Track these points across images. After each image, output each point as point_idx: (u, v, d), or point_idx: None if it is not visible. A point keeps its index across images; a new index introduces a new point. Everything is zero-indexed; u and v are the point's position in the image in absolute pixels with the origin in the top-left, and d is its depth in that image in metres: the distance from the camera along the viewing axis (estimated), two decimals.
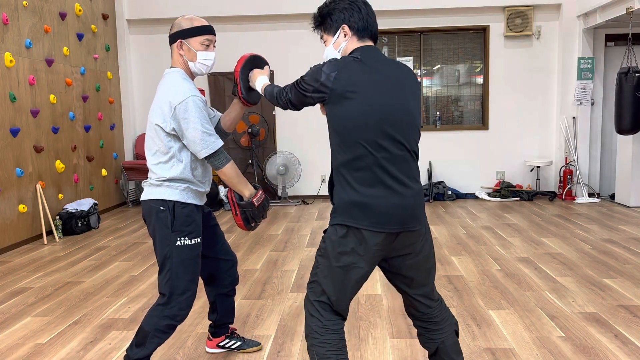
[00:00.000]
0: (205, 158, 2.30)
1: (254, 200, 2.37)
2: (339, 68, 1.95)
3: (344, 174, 1.96)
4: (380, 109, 1.95)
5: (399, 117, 1.98)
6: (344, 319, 2.08)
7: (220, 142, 2.30)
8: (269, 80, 2.38)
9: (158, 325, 2.34)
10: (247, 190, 2.37)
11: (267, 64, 2.53)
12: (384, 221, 1.94)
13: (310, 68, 2.02)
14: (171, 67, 2.41)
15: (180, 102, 2.23)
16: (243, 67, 2.44)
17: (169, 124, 2.26)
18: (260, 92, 2.34)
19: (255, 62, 2.48)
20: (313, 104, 2.03)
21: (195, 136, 2.24)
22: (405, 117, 1.99)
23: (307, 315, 2.06)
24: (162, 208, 2.31)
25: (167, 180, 2.32)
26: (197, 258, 2.38)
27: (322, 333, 1.99)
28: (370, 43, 2.09)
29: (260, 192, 2.42)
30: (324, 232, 2.06)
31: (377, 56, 2.03)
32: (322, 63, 2.00)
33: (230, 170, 2.32)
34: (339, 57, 2.07)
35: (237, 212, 2.39)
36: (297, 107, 2.09)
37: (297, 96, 2.04)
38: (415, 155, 2.02)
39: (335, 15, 2.07)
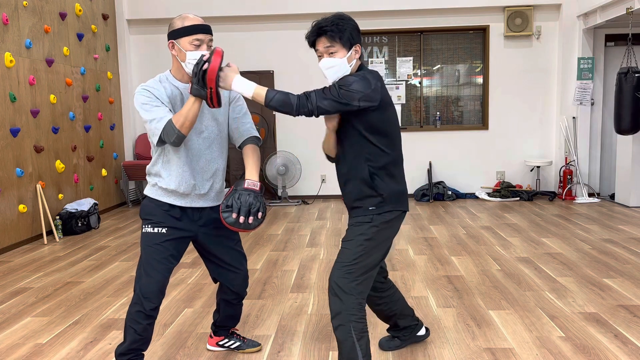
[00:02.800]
0: (162, 143, 2.28)
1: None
2: (379, 79, 2.24)
3: (391, 170, 2.32)
4: None
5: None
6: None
7: (161, 125, 2.22)
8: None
9: (131, 314, 2.38)
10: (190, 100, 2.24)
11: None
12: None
13: (348, 78, 2.17)
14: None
15: (134, 98, 2.34)
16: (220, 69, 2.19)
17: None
18: (247, 95, 2.18)
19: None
20: (355, 111, 2.20)
21: (146, 128, 2.30)
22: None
23: (341, 294, 2.23)
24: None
25: (148, 174, 2.46)
26: (159, 247, 2.36)
27: (360, 310, 2.24)
28: None
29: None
30: (370, 221, 2.29)
31: None
32: (361, 74, 2.20)
33: (177, 121, 2.21)
34: (349, 71, 2.27)
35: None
36: (318, 115, 2.20)
37: (334, 104, 2.15)
38: None
39: (353, 33, 2.26)
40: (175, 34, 2.29)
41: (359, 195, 2.32)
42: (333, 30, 2.22)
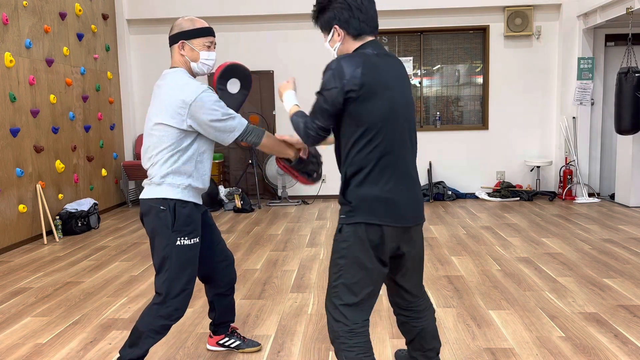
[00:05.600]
0: (240, 140, 2.36)
1: (301, 156, 2.42)
2: (362, 63, 1.87)
3: (366, 171, 1.91)
4: (402, 105, 1.97)
5: (412, 113, 2.03)
6: (368, 318, 2.04)
7: (244, 121, 2.34)
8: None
9: (152, 325, 2.34)
10: (291, 151, 2.42)
11: (248, 76, 2.65)
12: (403, 215, 1.95)
13: (324, 76, 1.92)
14: (172, 67, 2.42)
15: (194, 99, 2.24)
16: (220, 77, 2.51)
17: (184, 122, 2.26)
18: (287, 111, 2.16)
19: (235, 72, 2.58)
20: (340, 108, 1.90)
21: (220, 126, 2.28)
22: (413, 113, 2.05)
23: (331, 321, 2.01)
24: (162, 207, 2.30)
25: (169, 175, 2.30)
26: (195, 258, 2.39)
27: (351, 337, 1.96)
28: (371, 38, 2.02)
29: (303, 147, 2.44)
30: (339, 231, 1.98)
31: (384, 50, 2.02)
32: (335, 62, 1.90)
33: (268, 142, 2.39)
34: (335, 55, 2.05)
35: (295, 174, 2.46)
36: (328, 130, 1.97)
37: (324, 115, 1.92)
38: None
39: (327, 14, 2.00)
40: (188, 35, 2.35)
41: (339, 198, 2.02)
42: (314, 14, 2.06)
